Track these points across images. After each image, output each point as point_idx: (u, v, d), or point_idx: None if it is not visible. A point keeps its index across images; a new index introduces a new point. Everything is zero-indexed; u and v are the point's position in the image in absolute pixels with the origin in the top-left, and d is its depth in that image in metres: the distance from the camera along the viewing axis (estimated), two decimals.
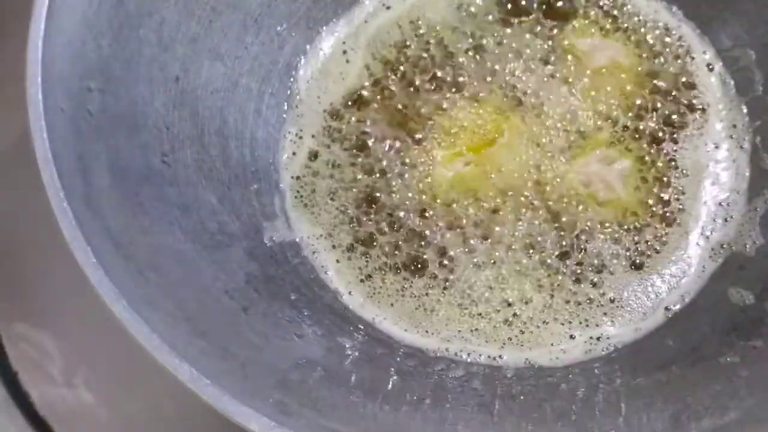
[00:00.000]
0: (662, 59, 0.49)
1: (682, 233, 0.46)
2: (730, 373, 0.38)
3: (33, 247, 0.50)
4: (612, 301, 0.45)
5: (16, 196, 0.50)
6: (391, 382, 0.40)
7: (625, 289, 0.45)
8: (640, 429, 0.36)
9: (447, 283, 0.45)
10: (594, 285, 0.45)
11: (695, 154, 0.48)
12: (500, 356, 0.44)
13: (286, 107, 0.49)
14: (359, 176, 0.47)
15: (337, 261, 0.46)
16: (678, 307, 0.45)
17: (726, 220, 0.46)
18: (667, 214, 0.46)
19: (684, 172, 0.47)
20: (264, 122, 0.48)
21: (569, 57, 0.49)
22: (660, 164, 0.47)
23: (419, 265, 0.46)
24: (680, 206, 0.47)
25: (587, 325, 0.44)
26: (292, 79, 0.50)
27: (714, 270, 0.46)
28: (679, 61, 0.49)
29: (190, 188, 0.41)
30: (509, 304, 0.45)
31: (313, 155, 0.48)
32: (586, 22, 0.50)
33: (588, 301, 0.45)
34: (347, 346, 0.42)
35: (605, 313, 0.45)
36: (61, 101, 0.33)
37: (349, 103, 0.49)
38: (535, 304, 0.45)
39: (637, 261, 0.46)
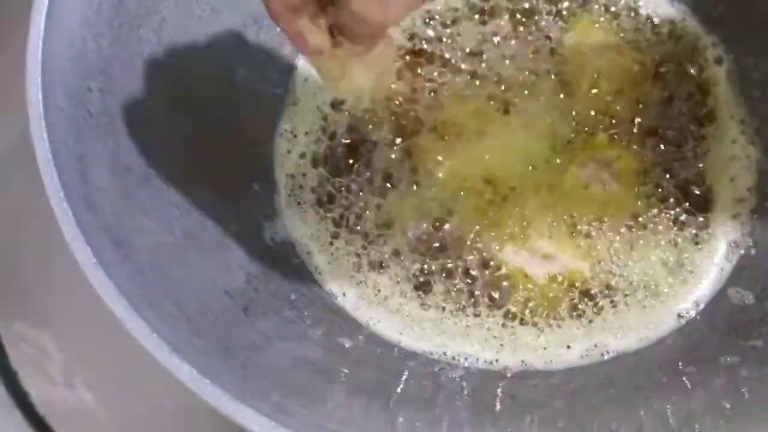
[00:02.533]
0: (667, 53, 0.49)
1: (704, 233, 0.45)
2: (730, 373, 0.38)
3: (33, 247, 0.50)
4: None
5: (16, 196, 0.50)
6: (390, 382, 0.40)
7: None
8: (640, 429, 0.36)
9: (440, 291, 0.45)
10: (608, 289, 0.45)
11: (713, 151, 0.47)
12: (496, 360, 0.44)
13: (284, 106, 0.49)
14: (352, 175, 0.47)
15: (329, 263, 0.46)
16: (692, 313, 0.44)
17: (734, 217, 0.46)
18: (689, 214, 0.46)
19: (704, 169, 0.46)
20: (264, 122, 0.48)
21: (570, 55, 0.49)
22: (674, 162, 0.47)
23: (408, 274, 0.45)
24: (704, 204, 0.46)
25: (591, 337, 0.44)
26: (290, 78, 0.50)
27: (731, 272, 0.45)
28: (685, 56, 0.49)
29: (190, 188, 0.41)
30: (510, 311, 0.45)
31: (307, 153, 0.48)
32: (588, 19, 0.50)
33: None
34: (347, 346, 0.42)
35: (622, 326, 0.44)
36: (61, 101, 0.33)
37: (346, 100, 0.49)
38: (539, 313, 0.44)
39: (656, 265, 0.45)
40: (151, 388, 0.46)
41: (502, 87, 0.48)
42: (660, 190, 0.46)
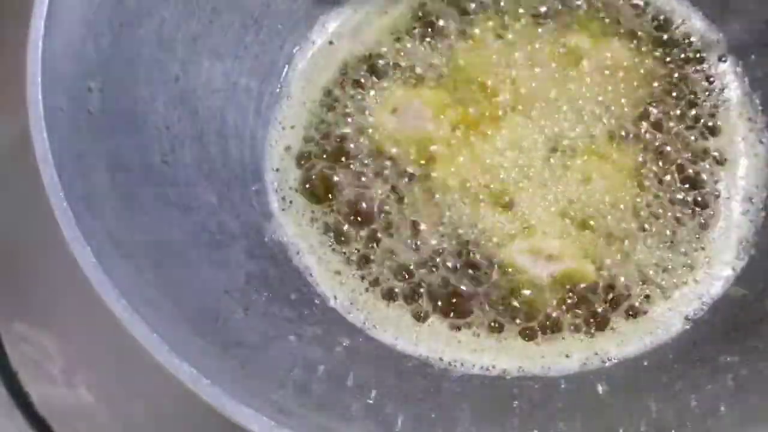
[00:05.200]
0: (671, 52, 0.49)
1: (715, 231, 0.45)
2: (730, 373, 0.38)
3: (33, 247, 0.50)
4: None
5: (16, 197, 0.50)
6: (390, 382, 0.40)
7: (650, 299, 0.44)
8: (640, 429, 0.36)
9: (435, 296, 0.45)
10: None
11: (721, 149, 0.46)
12: (493, 366, 0.43)
13: (279, 101, 0.49)
14: (344, 173, 0.47)
15: (318, 265, 0.46)
16: (700, 315, 0.43)
17: (743, 214, 0.46)
18: (697, 212, 0.45)
19: (712, 166, 0.46)
20: (264, 122, 0.48)
21: (572, 55, 0.49)
22: (680, 160, 0.46)
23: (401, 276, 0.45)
24: (712, 203, 0.46)
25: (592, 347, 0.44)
26: (287, 75, 0.50)
27: (740, 271, 0.44)
28: (687, 54, 0.49)
29: (190, 188, 0.41)
30: (509, 318, 0.44)
31: (292, 147, 0.48)
32: (590, 18, 0.50)
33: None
34: (347, 346, 0.42)
35: (626, 334, 0.43)
36: (61, 101, 0.33)
37: (339, 95, 0.49)
38: (539, 321, 0.44)
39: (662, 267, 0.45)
40: (151, 388, 0.46)
41: (499, 84, 0.48)
42: (666, 188, 0.46)
